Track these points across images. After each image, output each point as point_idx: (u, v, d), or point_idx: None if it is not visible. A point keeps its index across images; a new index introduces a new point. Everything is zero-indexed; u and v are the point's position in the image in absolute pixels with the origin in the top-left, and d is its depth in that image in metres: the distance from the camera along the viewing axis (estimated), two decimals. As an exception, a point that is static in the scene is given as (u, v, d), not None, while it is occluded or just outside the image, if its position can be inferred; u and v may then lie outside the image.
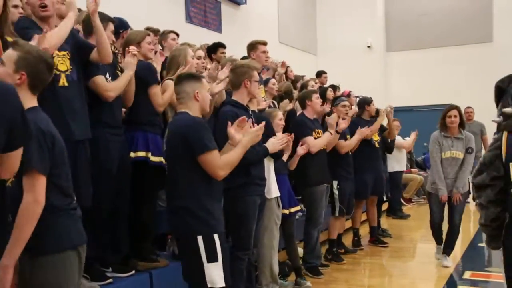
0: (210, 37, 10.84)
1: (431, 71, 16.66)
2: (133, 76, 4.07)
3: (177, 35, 6.14)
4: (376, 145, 7.17)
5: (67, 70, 3.52)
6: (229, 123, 3.41)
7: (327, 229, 6.61)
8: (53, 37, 3.32)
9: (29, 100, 2.46)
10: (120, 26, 4.71)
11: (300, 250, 5.82)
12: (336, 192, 6.23)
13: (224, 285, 3.18)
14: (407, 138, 9.86)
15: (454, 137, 6.06)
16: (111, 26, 4.14)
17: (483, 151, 8.45)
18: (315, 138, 5.70)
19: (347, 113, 6.41)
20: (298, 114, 6.12)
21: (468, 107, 10.73)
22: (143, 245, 4.25)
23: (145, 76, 4.20)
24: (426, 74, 16.74)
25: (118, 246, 4.04)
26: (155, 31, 6.45)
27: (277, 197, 4.57)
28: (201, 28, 11.68)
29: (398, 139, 9.43)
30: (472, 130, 8.70)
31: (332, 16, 17.57)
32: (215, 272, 3.13)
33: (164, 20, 9.35)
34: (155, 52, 4.58)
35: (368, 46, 17.38)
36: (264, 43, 5.81)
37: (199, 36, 9.94)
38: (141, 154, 4.14)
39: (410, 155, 11.64)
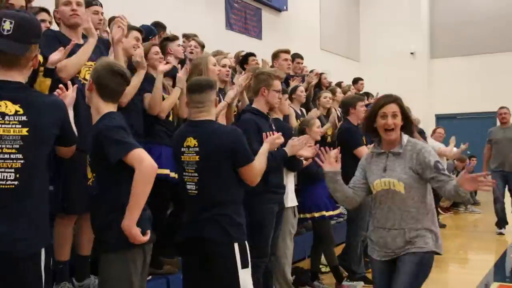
0: (250, 44, 10.96)
1: (475, 78, 16.33)
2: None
3: (192, 38, 6.13)
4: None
5: None
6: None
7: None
8: (71, 66, 3.39)
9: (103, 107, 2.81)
10: (149, 33, 4.82)
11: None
12: None
13: None
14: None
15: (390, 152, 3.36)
16: (134, 34, 4.21)
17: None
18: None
19: None
20: (342, 122, 5.80)
21: (502, 107, 9.06)
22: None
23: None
24: (470, 81, 16.42)
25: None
26: (189, 38, 6.56)
27: (293, 207, 4.59)
28: (241, 35, 11.81)
29: (440, 146, 9.30)
30: (506, 136, 8.63)
31: (375, 23, 17.44)
32: (247, 278, 3.18)
33: (204, 27, 9.51)
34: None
35: (412, 53, 17.17)
36: (287, 52, 5.87)
37: (238, 43, 10.05)
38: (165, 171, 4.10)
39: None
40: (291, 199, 4.48)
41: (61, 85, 3.07)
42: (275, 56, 5.83)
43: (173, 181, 4.02)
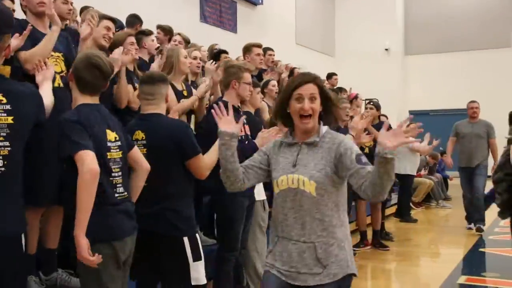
0: (225, 37, 10.94)
1: (448, 75, 16.58)
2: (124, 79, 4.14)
3: (167, 32, 6.08)
4: (366, 150, 6.93)
5: (61, 71, 3.55)
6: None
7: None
8: (36, 57, 3.30)
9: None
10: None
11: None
12: None
13: (206, 282, 3.24)
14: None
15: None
16: (104, 23, 4.13)
17: (490, 157, 8.36)
18: None
19: (347, 115, 6.38)
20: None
21: (473, 101, 8.61)
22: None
23: None
24: (444, 78, 16.66)
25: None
26: (165, 29, 6.51)
27: (262, 200, 4.57)
28: (216, 28, 11.78)
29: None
30: (474, 132, 8.52)
31: (350, 18, 17.56)
32: (199, 270, 3.17)
33: (178, 19, 9.41)
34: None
35: (386, 49, 17.34)
36: (259, 46, 5.84)
37: (213, 36, 10.00)
38: None
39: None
40: (259, 193, 4.45)
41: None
42: (247, 49, 5.78)
43: None
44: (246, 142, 3.99)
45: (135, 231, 2.85)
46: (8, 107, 2.37)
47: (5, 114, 2.37)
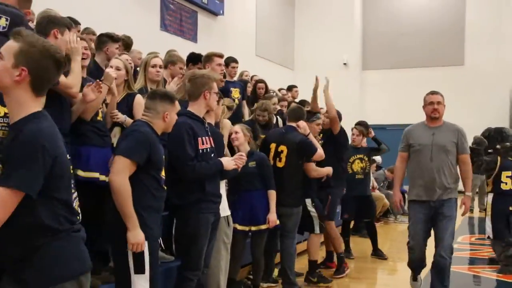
0: (185, 46, 10.74)
1: (404, 91, 16.88)
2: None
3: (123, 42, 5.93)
4: None
5: None
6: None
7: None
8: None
9: (30, 103, 2.11)
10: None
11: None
12: (312, 209, 5.97)
13: None
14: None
15: None
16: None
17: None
18: None
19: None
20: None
21: (433, 92, 5.31)
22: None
23: None
24: (400, 94, 16.96)
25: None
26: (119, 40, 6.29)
27: (226, 216, 4.42)
28: (176, 37, 11.59)
29: None
30: (437, 143, 5.10)
31: (310, 32, 17.68)
32: (141, 284, 3.09)
33: (138, 26, 9.24)
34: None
35: (344, 63, 17.51)
36: (220, 56, 5.70)
37: (173, 45, 9.79)
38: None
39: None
40: (224, 209, 4.30)
41: None
42: (208, 59, 5.60)
43: (102, 184, 3.74)
44: (212, 155, 3.85)
45: None
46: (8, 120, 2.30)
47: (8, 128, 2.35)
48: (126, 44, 6.26)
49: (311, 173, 5.79)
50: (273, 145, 5.53)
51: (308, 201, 5.82)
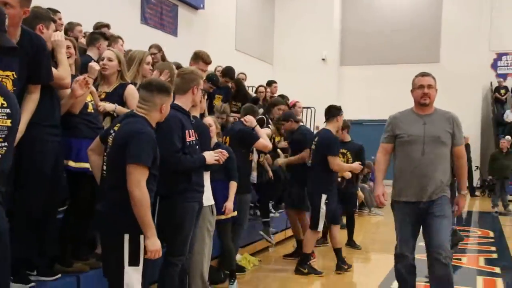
0: (165, 40, 10.82)
1: (381, 87, 17.21)
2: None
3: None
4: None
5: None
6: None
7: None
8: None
9: None
10: None
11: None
12: (324, 207, 6.15)
13: None
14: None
15: None
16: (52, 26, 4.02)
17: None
18: None
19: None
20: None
21: (424, 74, 4.52)
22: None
23: None
24: (376, 90, 17.27)
25: (44, 249, 3.92)
26: (102, 28, 6.40)
27: (211, 205, 4.59)
28: (157, 31, 11.65)
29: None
30: (429, 134, 4.32)
31: (289, 27, 17.86)
32: (134, 276, 3.15)
33: (118, 19, 9.25)
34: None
35: (323, 59, 17.74)
36: (208, 63, 6.07)
37: (154, 39, 9.85)
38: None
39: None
40: (208, 198, 4.47)
41: None
42: (197, 58, 5.80)
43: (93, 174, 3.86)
44: (197, 147, 4.01)
45: None
46: (8, 110, 2.51)
47: (6, 117, 2.52)
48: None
49: (333, 167, 6.27)
50: (224, 138, 5.82)
51: (324, 198, 6.16)
